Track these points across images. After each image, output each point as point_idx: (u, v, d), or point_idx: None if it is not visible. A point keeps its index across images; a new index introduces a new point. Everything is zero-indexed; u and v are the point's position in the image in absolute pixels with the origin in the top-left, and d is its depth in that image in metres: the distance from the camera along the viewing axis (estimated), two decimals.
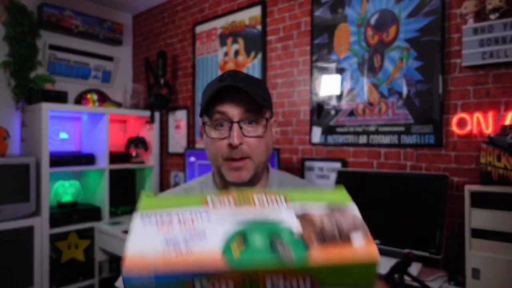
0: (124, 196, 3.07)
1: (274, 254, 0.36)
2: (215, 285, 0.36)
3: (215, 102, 0.76)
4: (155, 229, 0.40)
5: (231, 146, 0.76)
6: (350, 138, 2.02)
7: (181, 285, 0.35)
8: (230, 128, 0.76)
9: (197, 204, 0.44)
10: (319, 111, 2.16)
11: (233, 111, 0.75)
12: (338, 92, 2.08)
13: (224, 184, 0.85)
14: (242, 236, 0.38)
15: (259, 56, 2.46)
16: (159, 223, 0.41)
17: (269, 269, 0.35)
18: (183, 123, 3.03)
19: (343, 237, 0.39)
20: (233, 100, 0.76)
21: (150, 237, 0.39)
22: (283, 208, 0.43)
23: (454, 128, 1.67)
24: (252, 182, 0.81)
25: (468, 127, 1.63)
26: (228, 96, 0.75)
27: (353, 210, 0.45)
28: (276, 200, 0.44)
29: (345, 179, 1.89)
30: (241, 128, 0.76)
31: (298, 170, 2.25)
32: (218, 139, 0.77)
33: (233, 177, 0.78)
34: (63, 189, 2.80)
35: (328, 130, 2.11)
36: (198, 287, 0.35)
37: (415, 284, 1.32)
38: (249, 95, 0.74)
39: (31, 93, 2.63)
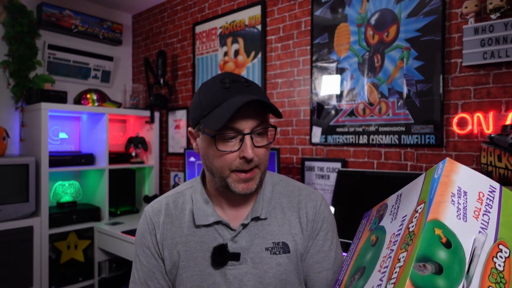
0: (124, 196, 3.06)
1: None
2: None
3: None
4: None
5: (244, 159, 0.75)
6: (350, 138, 2.02)
7: None
8: (241, 140, 0.74)
9: None
10: (319, 111, 2.15)
11: (245, 124, 0.74)
12: (338, 92, 2.08)
13: (221, 192, 0.84)
14: None
15: (259, 56, 2.45)
16: None
17: None
18: (183, 123, 3.03)
19: None
20: (246, 114, 0.73)
21: None
22: None
23: (455, 128, 1.67)
24: (256, 190, 0.81)
25: (469, 127, 1.63)
26: (241, 110, 0.72)
27: None
28: None
29: (345, 179, 1.89)
30: (251, 138, 0.75)
31: (298, 170, 2.24)
32: (228, 152, 0.75)
33: (242, 188, 0.78)
34: (63, 189, 2.79)
35: (328, 130, 2.11)
36: None
37: None
38: (262, 105, 0.74)
39: (30, 93, 2.63)
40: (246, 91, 0.74)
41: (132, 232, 2.38)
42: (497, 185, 0.47)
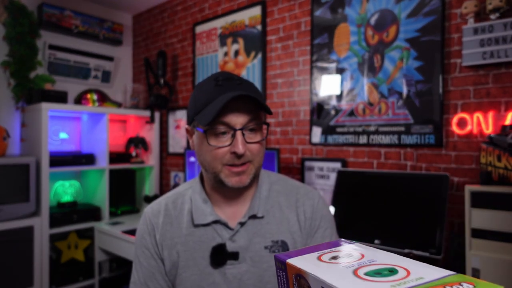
0: (124, 196, 3.07)
1: None
2: None
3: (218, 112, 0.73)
4: None
5: (235, 154, 0.75)
6: (350, 138, 2.02)
7: None
8: (233, 136, 0.75)
9: None
10: (319, 111, 2.15)
11: (236, 120, 0.75)
12: (338, 92, 2.08)
13: (216, 188, 0.85)
14: None
15: (259, 56, 2.46)
16: None
17: None
18: (183, 123, 3.03)
19: None
20: (236, 109, 0.74)
21: None
22: None
23: (454, 128, 1.67)
24: (250, 185, 0.82)
25: (468, 127, 1.63)
26: (231, 105, 0.74)
27: None
28: None
29: (345, 179, 1.89)
30: (243, 134, 0.75)
31: (298, 170, 2.25)
32: (219, 147, 0.76)
33: (234, 182, 0.78)
34: (63, 189, 2.80)
35: (328, 130, 2.11)
36: None
37: None
38: (254, 102, 0.74)
39: (31, 93, 2.63)
40: (238, 89, 0.75)
41: (132, 232, 2.39)
42: None
